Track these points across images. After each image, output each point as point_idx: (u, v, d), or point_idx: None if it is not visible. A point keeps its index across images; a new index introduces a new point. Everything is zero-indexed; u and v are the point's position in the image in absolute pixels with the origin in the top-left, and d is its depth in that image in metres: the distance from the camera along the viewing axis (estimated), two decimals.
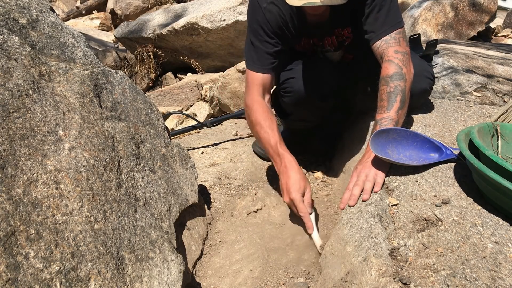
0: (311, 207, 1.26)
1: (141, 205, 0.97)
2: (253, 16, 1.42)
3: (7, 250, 0.63)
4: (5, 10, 0.91)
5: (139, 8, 6.19)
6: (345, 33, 1.46)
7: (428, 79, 1.42)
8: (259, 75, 1.42)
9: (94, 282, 0.73)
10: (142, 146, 1.09)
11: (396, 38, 1.30)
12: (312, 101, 1.47)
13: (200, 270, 1.20)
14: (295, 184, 1.24)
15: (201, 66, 3.55)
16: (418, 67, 1.35)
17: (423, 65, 1.44)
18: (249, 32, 1.45)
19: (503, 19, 5.65)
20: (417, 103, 1.45)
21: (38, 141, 0.80)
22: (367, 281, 0.84)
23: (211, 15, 3.13)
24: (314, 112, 1.58)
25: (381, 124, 1.21)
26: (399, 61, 1.26)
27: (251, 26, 1.43)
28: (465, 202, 0.98)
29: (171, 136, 1.43)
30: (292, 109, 1.57)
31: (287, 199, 1.26)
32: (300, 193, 1.24)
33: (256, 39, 1.41)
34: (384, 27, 1.30)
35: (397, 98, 1.22)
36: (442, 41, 2.55)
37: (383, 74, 1.27)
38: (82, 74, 1.01)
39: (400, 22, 1.32)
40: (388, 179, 1.16)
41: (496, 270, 0.78)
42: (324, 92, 1.46)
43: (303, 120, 1.64)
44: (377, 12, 1.30)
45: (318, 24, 1.42)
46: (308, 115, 1.60)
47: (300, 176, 1.27)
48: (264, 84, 1.43)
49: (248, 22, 1.45)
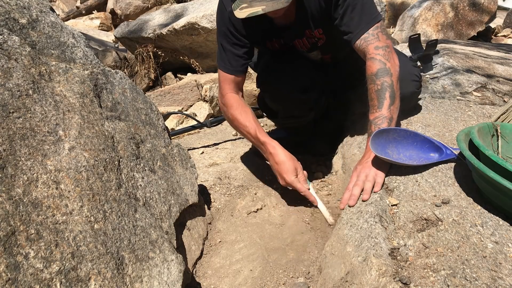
0: (306, 182, 1.35)
1: (141, 205, 0.97)
2: (220, 20, 1.44)
3: (7, 250, 0.63)
4: (5, 10, 0.91)
5: (139, 8, 6.19)
6: (316, 34, 1.44)
7: (414, 81, 1.42)
8: (231, 76, 1.46)
9: (94, 282, 0.73)
10: (142, 146, 1.09)
11: (374, 34, 1.28)
12: (291, 94, 1.48)
13: (200, 270, 1.20)
14: (286, 167, 1.31)
15: (201, 66, 3.55)
16: (402, 70, 1.30)
17: (407, 67, 1.42)
18: (218, 35, 1.47)
19: (503, 19, 5.65)
20: (408, 106, 1.45)
21: (38, 141, 0.80)
22: (367, 281, 0.84)
23: (211, 15, 3.12)
24: (298, 106, 1.58)
25: (376, 124, 1.21)
26: (381, 56, 1.25)
27: (219, 29, 1.46)
28: (465, 202, 0.98)
29: (171, 136, 1.43)
30: (275, 106, 1.60)
31: (284, 183, 1.34)
32: (293, 175, 1.32)
33: (225, 41, 1.43)
34: (361, 25, 1.29)
35: (386, 95, 1.21)
36: (442, 41, 2.55)
37: (368, 73, 1.26)
38: (82, 74, 1.01)
39: (376, 16, 1.30)
40: (388, 179, 1.16)
41: (496, 270, 0.78)
42: (300, 84, 1.46)
43: (291, 116, 1.65)
44: (351, 12, 1.29)
45: (286, 26, 1.42)
46: (293, 110, 1.61)
47: (287, 157, 1.33)
48: (236, 82, 1.47)
49: (217, 25, 1.47)
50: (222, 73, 1.47)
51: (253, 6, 1.16)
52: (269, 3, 1.15)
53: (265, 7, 1.15)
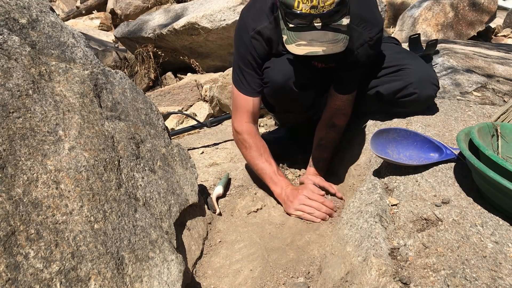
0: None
1: (141, 205, 0.97)
2: (240, 41, 1.45)
3: (7, 250, 0.63)
4: (5, 10, 0.91)
5: (139, 8, 6.19)
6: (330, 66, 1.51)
7: (434, 85, 1.45)
8: (248, 99, 1.49)
9: (94, 282, 0.73)
10: (142, 146, 1.09)
11: (350, 98, 1.51)
12: (289, 91, 1.47)
13: (200, 270, 1.20)
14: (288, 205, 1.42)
15: (201, 66, 3.55)
16: (426, 72, 1.43)
17: (430, 71, 1.48)
18: (236, 54, 1.48)
19: (503, 19, 5.64)
20: (421, 108, 1.49)
21: (38, 141, 0.80)
22: (367, 281, 0.84)
23: (211, 15, 3.13)
24: (296, 103, 1.58)
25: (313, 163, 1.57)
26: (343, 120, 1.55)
27: (237, 49, 1.47)
28: (465, 202, 0.98)
29: (171, 136, 1.43)
30: (273, 100, 1.59)
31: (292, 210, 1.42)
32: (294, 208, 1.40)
33: (243, 63, 1.46)
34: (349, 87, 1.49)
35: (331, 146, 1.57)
36: (442, 41, 2.55)
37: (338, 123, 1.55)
38: (82, 74, 1.01)
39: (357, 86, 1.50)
40: (388, 179, 1.16)
41: (496, 270, 0.78)
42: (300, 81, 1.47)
43: (288, 111, 1.65)
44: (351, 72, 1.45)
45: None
46: (291, 106, 1.61)
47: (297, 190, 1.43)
48: (253, 107, 1.51)
49: (235, 45, 1.48)
50: (239, 95, 1.50)
51: (313, 46, 1.16)
52: (329, 45, 1.16)
53: (326, 48, 1.16)
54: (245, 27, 1.42)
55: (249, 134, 1.51)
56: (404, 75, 1.44)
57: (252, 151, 1.50)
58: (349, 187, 1.46)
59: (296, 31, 1.17)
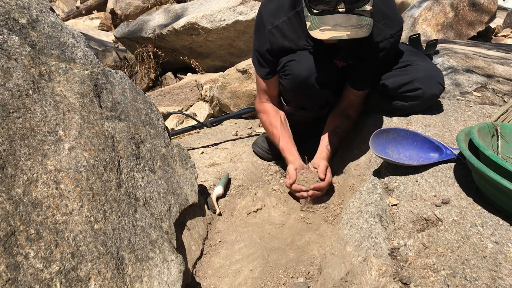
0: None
1: (141, 205, 0.97)
2: (258, 35, 1.51)
3: (7, 250, 0.63)
4: (5, 10, 0.91)
5: (139, 8, 6.18)
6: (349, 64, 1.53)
7: (440, 84, 1.46)
8: (262, 81, 1.59)
9: (94, 282, 0.73)
10: (142, 146, 1.09)
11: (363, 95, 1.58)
12: (310, 86, 1.48)
13: (200, 270, 1.20)
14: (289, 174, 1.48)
15: (201, 66, 3.55)
16: (433, 71, 1.46)
17: (438, 71, 1.50)
18: (255, 42, 1.54)
19: (503, 19, 5.64)
20: (425, 107, 1.50)
21: (38, 141, 0.80)
22: (367, 281, 0.84)
23: (211, 15, 3.12)
24: (312, 100, 1.59)
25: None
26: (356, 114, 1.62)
27: (255, 40, 1.53)
28: (465, 202, 0.98)
29: (171, 136, 1.43)
30: (291, 95, 1.60)
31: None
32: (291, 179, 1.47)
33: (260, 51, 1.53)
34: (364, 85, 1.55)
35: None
36: (442, 41, 2.55)
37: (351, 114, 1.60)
38: (82, 74, 1.01)
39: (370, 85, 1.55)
40: (388, 179, 1.16)
41: (496, 270, 0.78)
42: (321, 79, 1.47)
43: (302, 108, 1.66)
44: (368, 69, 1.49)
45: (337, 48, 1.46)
46: (307, 102, 1.61)
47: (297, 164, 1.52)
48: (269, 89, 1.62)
49: (254, 34, 1.54)
50: (258, 77, 1.62)
51: (337, 30, 1.17)
52: (353, 30, 1.16)
53: (350, 33, 1.16)
54: (263, 21, 1.46)
55: (264, 112, 1.66)
56: (411, 70, 1.46)
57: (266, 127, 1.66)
58: (349, 187, 1.46)
59: (320, 15, 1.18)
